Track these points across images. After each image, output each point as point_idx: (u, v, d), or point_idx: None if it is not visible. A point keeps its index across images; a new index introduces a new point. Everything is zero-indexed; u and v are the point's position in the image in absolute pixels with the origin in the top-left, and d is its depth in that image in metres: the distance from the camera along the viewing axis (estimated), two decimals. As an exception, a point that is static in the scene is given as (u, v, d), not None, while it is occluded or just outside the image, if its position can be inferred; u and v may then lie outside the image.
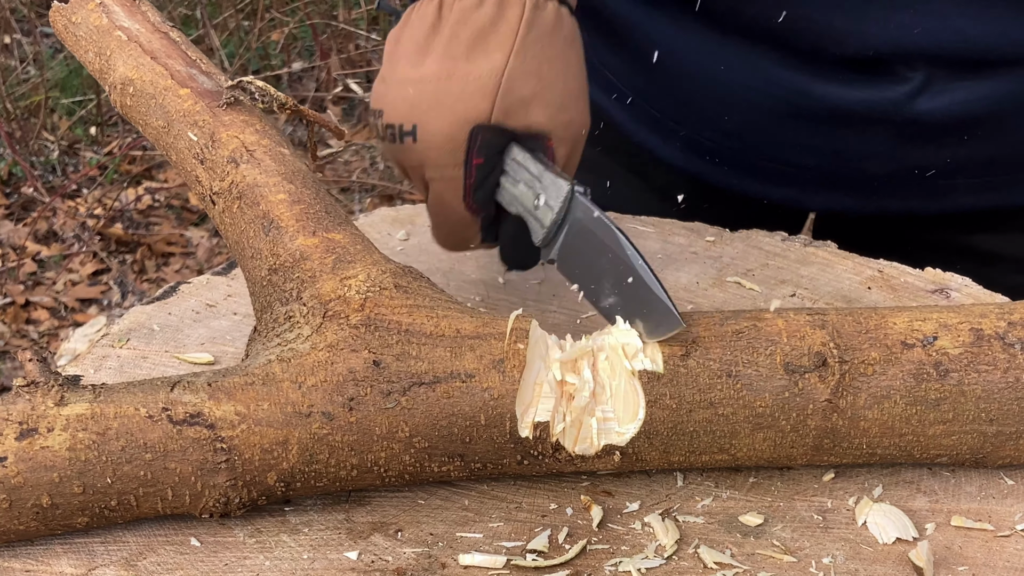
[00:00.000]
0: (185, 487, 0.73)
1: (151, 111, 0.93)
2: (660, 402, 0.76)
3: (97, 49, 0.97)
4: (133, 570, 0.73)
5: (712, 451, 0.78)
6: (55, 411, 0.72)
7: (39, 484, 0.71)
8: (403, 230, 1.09)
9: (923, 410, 0.77)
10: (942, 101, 1.04)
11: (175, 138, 0.92)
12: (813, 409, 0.77)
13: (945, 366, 0.77)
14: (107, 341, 0.93)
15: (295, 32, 3.95)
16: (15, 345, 2.78)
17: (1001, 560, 0.75)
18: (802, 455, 0.79)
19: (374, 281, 0.80)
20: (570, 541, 0.76)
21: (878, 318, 0.79)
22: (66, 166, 3.45)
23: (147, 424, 0.72)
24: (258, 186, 0.87)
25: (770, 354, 0.77)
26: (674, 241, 1.09)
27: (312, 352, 0.76)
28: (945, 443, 0.78)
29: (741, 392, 0.76)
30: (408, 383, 0.75)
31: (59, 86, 3.67)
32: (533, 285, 1.03)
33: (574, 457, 0.77)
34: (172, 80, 0.93)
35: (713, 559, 0.74)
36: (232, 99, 0.92)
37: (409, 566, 0.74)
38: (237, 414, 0.73)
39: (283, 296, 0.82)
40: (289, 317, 0.80)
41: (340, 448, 0.74)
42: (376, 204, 3.29)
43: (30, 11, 3.84)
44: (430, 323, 0.77)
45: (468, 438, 0.76)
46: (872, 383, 0.77)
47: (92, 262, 3.07)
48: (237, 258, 0.89)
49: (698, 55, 1.09)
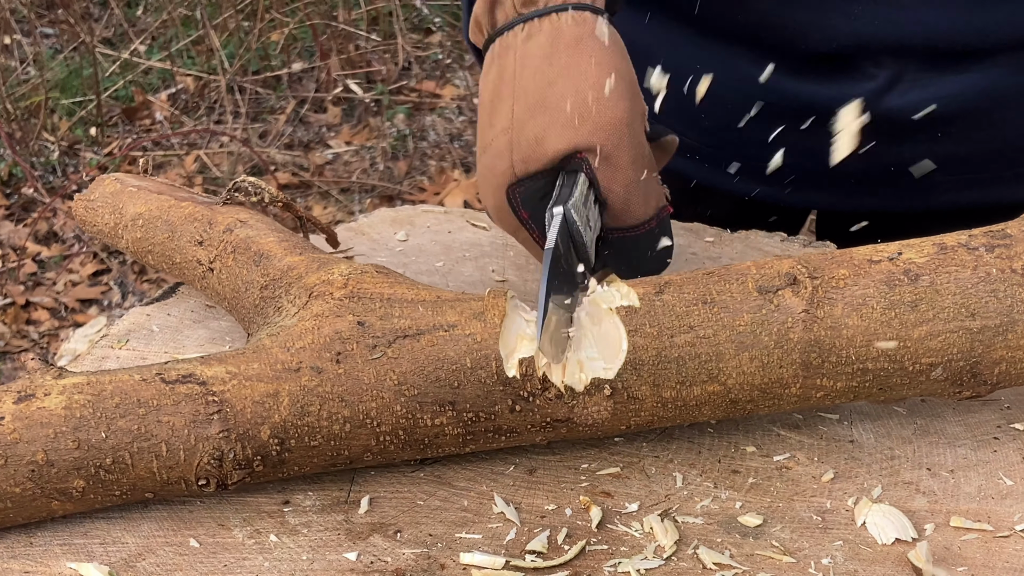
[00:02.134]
0: (179, 440, 0.74)
1: (157, 230, 0.99)
2: (641, 331, 0.78)
3: (111, 208, 1.04)
4: (132, 571, 0.73)
5: (701, 379, 0.78)
6: (52, 382, 0.75)
7: (35, 440, 0.73)
8: (403, 231, 1.10)
9: (902, 312, 0.78)
10: (912, 97, 1.04)
11: (178, 240, 0.97)
12: (793, 321, 0.78)
13: (915, 272, 0.79)
14: (107, 342, 0.93)
15: (295, 33, 3.95)
16: (15, 345, 2.79)
17: (1000, 560, 0.75)
18: (793, 377, 0.79)
19: (355, 268, 0.85)
20: (569, 542, 0.76)
21: (840, 251, 0.83)
22: (66, 167, 3.45)
23: (141, 385, 0.75)
24: (250, 237, 0.93)
25: (742, 282, 0.79)
26: (674, 242, 1.09)
27: (299, 323, 0.80)
28: (933, 346, 0.78)
29: (719, 315, 0.78)
30: (393, 337, 0.78)
31: (59, 87, 3.67)
32: (532, 286, 1.03)
33: (564, 394, 0.78)
34: (175, 201, 1.01)
35: (712, 560, 0.74)
36: (229, 199, 0.99)
37: (408, 567, 0.74)
38: (228, 372, 0.76)
39: (274, 301, 0.86)
40: (278, 308, 0.84)
41: (330, 399, 0.76)
42: (376, 205, 3.29)
43: (30, 11, 3.84)
44: (411, 292, 0.82)
45: (456, 382, 0.77)
46: (846, 293, 0.78)
47: (92, 263, 3.07)
48: (232, 309, 0.92)
49: (672, 55, 1.09)
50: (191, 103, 3.74)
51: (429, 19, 4.12)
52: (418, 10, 4.12)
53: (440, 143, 3.56)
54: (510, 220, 0.90)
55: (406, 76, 3.84)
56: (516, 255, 1.06)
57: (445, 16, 4.05)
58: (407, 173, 3.43)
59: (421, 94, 3.75)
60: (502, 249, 1.07)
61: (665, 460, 0.84)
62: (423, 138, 3.60)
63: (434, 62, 3.92)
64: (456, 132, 3.62)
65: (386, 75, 3.80)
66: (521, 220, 0.89)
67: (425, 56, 3.94)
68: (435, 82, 3.81)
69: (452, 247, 1.07)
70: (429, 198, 3.25)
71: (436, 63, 3.91)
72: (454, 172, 3.41)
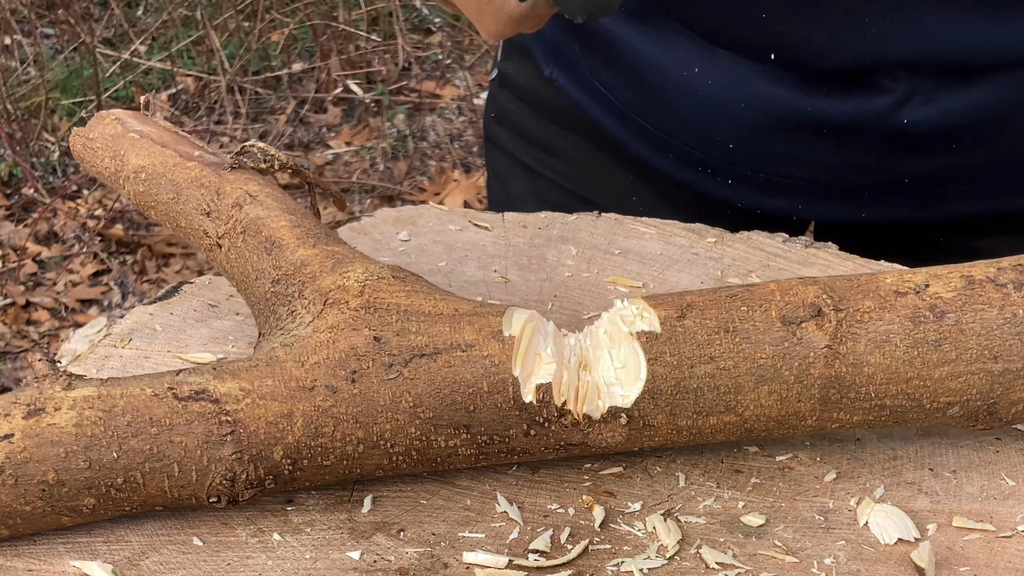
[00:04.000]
0: (191, 461, 0.73)
1: (161, 188, 0.97)
2: (661, 359, 0.77)
3: (112, 153, 1.01)
4: (135, 569, 0.73)
5: (719, 410, 0.78)
6: (63, 394, 0.74)
7: (45, 459, 0.72)
8: (404, 231, 1.10)
9: (925, 351, 0.77)
10: (927, 112, 1.04)
11: (183, 204, 0.95)
12: (815, 357, 0.77)
13: (940, 308, 0.78)
14: (109, 341, 0.93)
15: (295, 33, 3.95)
16: (16, 346, 2.79)
17: (1003, 561, 0.75)
18: (811, 411, 0.79)
19: (372, 272, 0.83)
20: (572, 541, 0.76)
21: (867, 277, 0.81)
22: (66, 167, 3.45)
23: (153, 401, 0.74)
24: (260, 219, 0.91)
25: (765, 310, 0.78)
26: (675, 242, 1.09)
27: (314, 335, 0.78)
28: (953, 386, 0.78)
29: (740, 345, 0.77)
30: (409, 355, 0.77)
31: (59, 87, 3.67)
32: (535, 284, 1.03)
33: (581, 422, 0.77)
34: (180, 158, 0.98)
35: (715, 559, 0.74)
36: (237, 163, 0.96)
37: (411, 566, 0.74)
38: (241, 389, 0.75)
39: (286, 300, 0.84)
40: (291, 312, 0.82)
41: (345, 420, 0.75)
42: (376, 205, 3.29)
43: (30, 12, 3.84)
44: (428, 304, 0.80)
45: (472, 406, 0.76)
46: (870, 328, 0.78)
47: (92, 263, 3.07)
48: (241, 291, 0.91)
49: (686, 70, 1.09)
50: (191, 103, 3.74)
51: (429, 19, 4.12)
52: (418, 10, 4.12)
53: (440, 143, 3.56)
54: None
55: (406, 76, 3.84)
56: (518, 255, 1.06)
57: (445, 16, 4.05)
58: (407, 173, 3.43)
59: (421, 94, 3.75)
60: (504, 249, 1.07)
61: (668, 460, 0.84)
62: (423, 138, 3.60)
63: (434, 62, 3.92)
64: (456, 132, 3.62)
65: (386, 75, 3.80)
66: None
67: (425, 56, 3.94)
68: (435, 82, 3.81)
69: (454, 247, 1.07)
70: (429, 198, 3.25)
71: (436, 63, 3.91)
72: (454, 172, 3.41)
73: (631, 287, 1.02)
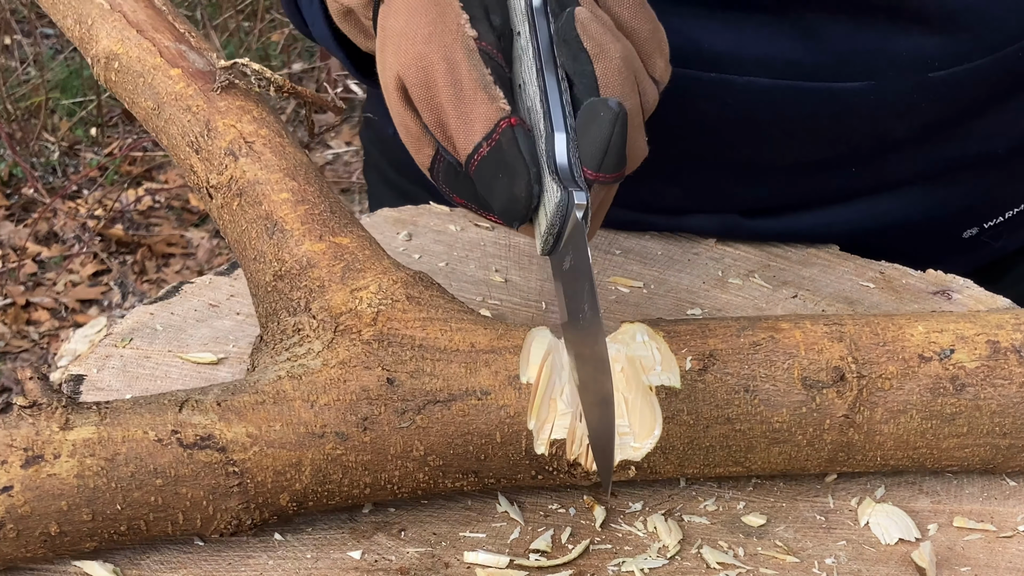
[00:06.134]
0: (196, 511, 0.71)
1: (139, 90, 0.90)
2: (677, 418, 0.75)
3: (77, 16, 0.92)
4: (137, 568, 0.73)
5: (727, 464, 0.78)
6: (60, 436, 0.70)
7: (47, 513, 0.69)
8: (405, 231, 1.09)
9: (938, 424, 0.77)
10: None
11: (166, 122, 0.89)
12: (830, 424, 0.76)
13: (962, 380, 0.77)
14: (110, 341, 0.93)
15: (295, 33, 3.95)
16: (15, 346, 2.78)
17: (1003, 561, 0.75)
18: (815, 467, 0.79)
19: (386, 293, 0.79)
20: (573, 541, 0.76)
21: (895, 329, 0.79)
22: (66, 167, 3.45)
23: (157, 448, 0.70)
24: (259, 183, 0.85)
25: (788, 368, 0.76)
26: (676, 242, 1.09)
27: (324, 369, 0.75)
28: (957, 455, 0.79)
29: (759, 408, 0.76)
30: (423, 401, 0.74)
31: (59, 87, 3.67)
32: (535, 285, 1.03)
33: (590, 473, 0.76)
34: (161, 58, 0.90)
35: (716, 559, 0.74)
36: (227, 82, 0.88)
37: (412, 565, 0.74)
38: (249, 436, 0.72)
39: (290, 306, 0.80)
40: (298, 330, 0.79)
41: (354, 468, 0.73)
42: (376, 205, 3.29)
43: (30, 12, 3.84)
44: (444, 337, 0.76)
45: (483, 455, 0.75)
46: (889, 398, 0.77)
47: (92, 263, 3.07)
48: (238, 256, 0.88)
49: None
50: (191, 103, 3.73)
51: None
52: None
53: (440, 144, 3.56)
54: None
55: (406, 77, 3.84)
56: (519, 255, 1.06)
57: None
58: (407, 174, 3.42)
59: (421, 95, 3.74)
60: (505, 249, 1.07)
61: (668, 460, 0.84)
62: (423, 139, 3.59)
63: (434, 63, 3.91)
64: (456, 133, 3.61)
65: (386, 76, 3.79)
66: None
67: (425, 57, 3.93)
68: (435, 83, 3.80)
69: (455, 246, 1.07)
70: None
71: (436, 64, 3.90)
72: (454, 173, 3.40)
73: (631, 287, 1.02)
